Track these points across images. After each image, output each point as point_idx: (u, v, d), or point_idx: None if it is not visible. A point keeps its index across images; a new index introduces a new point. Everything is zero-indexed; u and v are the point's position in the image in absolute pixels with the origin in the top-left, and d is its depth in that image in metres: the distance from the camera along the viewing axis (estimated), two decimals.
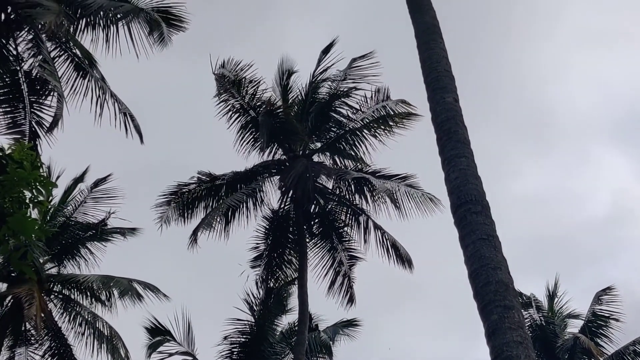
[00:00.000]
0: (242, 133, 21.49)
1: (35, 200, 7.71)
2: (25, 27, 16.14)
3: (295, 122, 20.98)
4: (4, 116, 17.01)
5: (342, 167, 21.61)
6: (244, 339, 21.81)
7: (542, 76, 54.86)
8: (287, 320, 22.66)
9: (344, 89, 21.38)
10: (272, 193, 21.54)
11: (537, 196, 53.69)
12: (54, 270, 20.80)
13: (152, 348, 20.87)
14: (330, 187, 21.56)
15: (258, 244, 21.85)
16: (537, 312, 25.04)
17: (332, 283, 21.84)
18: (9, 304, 19.51)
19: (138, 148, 17.23)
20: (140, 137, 17.25)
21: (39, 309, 17.67)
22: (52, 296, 20.63)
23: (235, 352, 21.79)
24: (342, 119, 21.60)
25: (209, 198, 21.12)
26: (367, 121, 21.43)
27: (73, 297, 20.61)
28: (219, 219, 20.53)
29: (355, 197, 21.46)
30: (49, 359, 20.24)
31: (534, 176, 54.33)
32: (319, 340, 22.62)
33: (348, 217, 21.75)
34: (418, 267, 21.54)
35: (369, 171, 21.31)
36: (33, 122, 17.07)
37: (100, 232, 20.82)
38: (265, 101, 20.88)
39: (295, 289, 21.28)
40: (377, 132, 21.44)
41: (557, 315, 25.20)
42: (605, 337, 24.17)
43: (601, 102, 55.77)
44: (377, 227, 21.39)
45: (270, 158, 21.65)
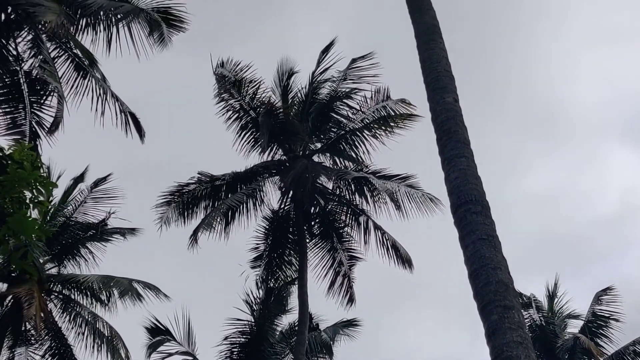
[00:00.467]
0: (242, 133, 21.50)
1: (36, 201, 7.71)
2: (26, 27, 16.13)
3: (295, 123, 20.99)
4: (4, 117, 17.01)
5: (342, 168, 21.62)
6: (244, 339, 21.81)
7: (551, 74, 54.91)
8: (287, 320, 22.70)
9: (344, 90, 21.39)
10: (272, 193, 21.59)
11: (546, 194, 53.81)
12: (54, 270, 20.81)
13: (152, 348, 20.89)
14: (330, 188, 21.57)
15: (258, 244, 21.87)
16: (537, 313, 25.05)
17: (332, 283, 21.85)
18: (9, 304, 19.50)
19: (138, 148, 17.28)
20: (140, 136, 17.25)
21: (38, 309, 17.68)
22: (52, 296, 20.64)
23: (235, 352, 21.79)
24: (342, 119, 21.61)
25: (209, 198, 21.12)
26: (367, 121, 21.44)
27: (73, 297, 20.62)
28: (219, 219, 20.54)
29: (355, 198, 21.46)
30: (49, 359, 20.25)
31: (543, 174, 54.40)
32: (320, 340, 22.63)
33: (348, 217, 21.75)
34: (418, 267, 21.57)
35: (369, 171, 21.31)
36: (33, 123, 17.06)
37: (101, 232, 20.83)
38: (266, 101, 20.89)
39: (295, 289, 21.29)
40: (377, 132, 21.45)
41: (557, 315, 25.22)
42: (605, 337, 24.19)
43: (610, 100, 55.75)
44: (377, 227, 21.39)
45: (270, 158, 21.66)
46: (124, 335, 20.83)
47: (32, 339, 20.38)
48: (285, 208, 21.71)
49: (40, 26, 15.52)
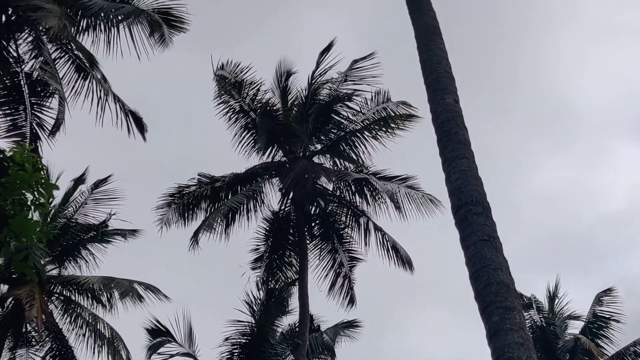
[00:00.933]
0: (243, 134, 21.50)
1: (37, 203, 7.71)
2: (26, 29, 16.14)
3: (295, 124, 20.99)
4: (4, 118, 17.02)
5: (343, 169, 21.61)
6: (244, 340, 21.78)
7: (560, 71, 54.89)
8: (288, 321, 22.68)
9: (344, 91, 21.37)
10: (272, 194, 21.58)
11: (554, 192, 53.84)
12: (54, 272, 20.81)
13: (152, 349, 20.86)
14: (330, 189, 21.56)
15: (258, 245, 21.87)
16: (538, 314, 25.06)
17: (333, 284, 21.85)
18: (10, 306, 19.49)
19: (138, 149, 17.30)
20: (142, 134, 17.26)
21: (39, 311, 17.65)
22: (53, 298, 20.62)
23: (235, 353, 21.76)
24: (342, 120, 21.60)
25: (209, 200, 21.11)
26: (368, 123, 21.43)
27: (74, 298, 20.61)
28: (219, 221, 20.54)
29: (355, 199, 21.46)
30: None
31: (551, 172, 54.43)
32: (321, 341, 22.62)
33: (348, 218, 21.75)
34: (422, 268, 21.60)
35: (370, 172, 21.30)
36: (34, 124, 17.07)
37: (101, 233, 20.83)
38: (264, 102, 20.89)
39: (295, 290, 21.28)
40: (377, 133, 21.44)
41: (557, 316, 25.22)
42: (605, 338, 24.20)
43: (619, 97, 55.74)
44: (378, 228, 21.39)
45: (271, 159, 21.65)
46: (125, 337, 20.84)
47: (33, 340, 20.37)
48: (286, 209, 21.71)
49: (41, 28, 15.51)
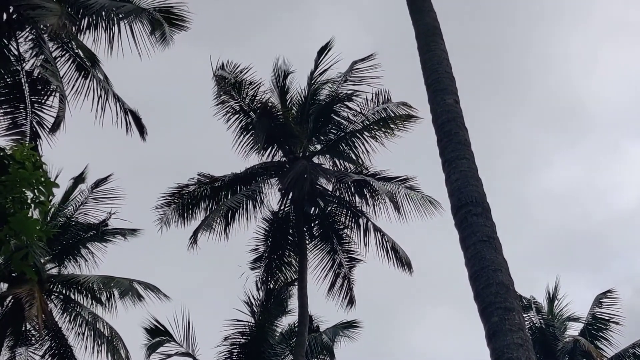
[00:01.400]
0: (242, 135, 21.48)
1: (37, 201, 7.71)
2: (27, 27, 16.15)
3: (295, 124, 20.98)
4: (4, 117, 17.03)
5: (342, 169, 21.61)
6: (244, 340, 21.82)
7: (571, 69, 54.84)
8: (288, 321, 22.69)
9: (344, 91, 21.36)
10: (272, 195, 21.55)
11: (564, 190, 53.83)
12: (54, 271, 20.80)
13: (151, 349, 20.87)
14: (330, 189, 21.55)
15: (258, 245, 21.87)
16: (537, 315, 25.05)
17: (332, 285, 21.84)
18: (10, 305, 19.50)
19: (138, 148, 17.28)
20: (141, 134, 17.26)
21: (39, 310, 17.65)
22: (52, 296, 20.62)
23: (235, 353, 21.79)
24: (342, 121, 21.59)
25: (209, 199, 21.11)
26: (368, 123, 21.42)
27: (73, 297, 20.60)
28: (218, 220, 20.53)
29: (355, 199, 21.45)
30: (50, 359, 20.23)
31: (562, 169, 54.45)
32: (320, 342, 22.62)
33: (348, 219, 21.74)
34: (420, 268, 21.59)
35: (369, 173, 21.30)
36: (34, 123, 17.08)
37: (101, 232, 20.83)
38: (263, 103, 20.90)
39: (295, 290, 21.28)
40: (377, 134, 21.43)
41: (557, 317, 25.21)
42: (605, 340, 24.19)
43: (630, 95, 55.68)
44: (377, 229, 21.38)
45: (270, 160, 21.65)
46: (124, 336, 20.83)
47: (33, 339, 20.38)
48: (285, 209, 21.70)
49: (42, 26, 15.52)
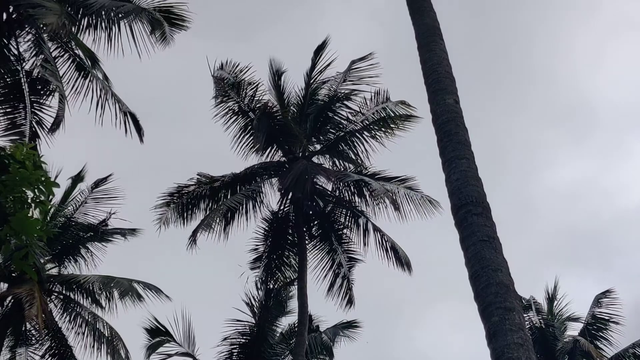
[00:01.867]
0: (242, 135, 21.47)
1: (37, 200, 7.71)
2: (27, 27, 16.14)
3: (293, 124, 20.97)
4: (4, 117, 17.03)
5: (342, 169, 21.61)
6: (244, 340, 21.84)
7: (578, 66, 54.71)
8: (288, 321, 22.71)
9: (343, 91, 21.36)
10: (271, 195, 21.55)
11: (570, 188, 53.77)
12: (54, 271, 20.79)
13: (151, 349, 20.88)
14: (329, 189, 21.56)
15: (257, 245, 21.86)
16: (537, 315, 25.06)
17: (332, 285, 21.84)
18: (10, 304, 19.50)
19: (138, 148, 17.25)
20: (140, 136, 17.26)
21: (39, 310, 17.64)
22: (52, 296, 20.62)
23: (235, 353, 21.81)
24: (341, 120, 21.59)
25: (208, 199, 21.11)
26: (367, 123, 21.42)
27: (73, 297, 20.60)
28: (218, 220, 20.52)
29: (354, 199, 21.45)
30: (50, 359, 20.23)
31: (568, 167, 54.39)
32: (320, 342, 22.62)
33: (347, 219, 21.74)
34: (421, 269, 21.58)
35: (369, 173, 21.30)
36: (33, 122, 17.08)
37: (101, 232, 20.82)
38: (263, 103, 20.89)
39: (295, 290, 21.28)
40: (376, 134, 21.44)
41: (556, 318, 25.21)
42: (605, 340, 24.20)
43: (638, 92, 55.57)
44: (377, 229, 21.38)
45: (270, 159, 21.65)
46: (124, 336, 20.83)
47: (33, 339, 20.38)
48: (285, 209, 21.69)
49: (42, 25, 15.51)
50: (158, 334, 21.04)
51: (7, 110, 17.04)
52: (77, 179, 21.46)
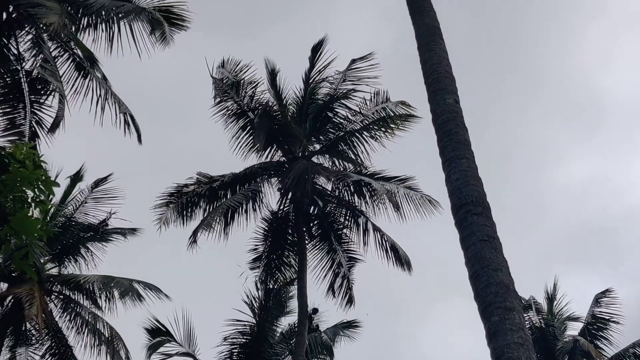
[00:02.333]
0: (241, 135, 21.47)
1: (37, 200, 7.70)
2: (27, 26, 16.15)
3: (293, 124, 20.96)
4: (3, 117, 17.03)
5: (342, 169, 21.61)
6: (244, 340, 21.84)
7: (589, 60, 54.62)
8: (288, 321, 22.71)
9: (343, 91, 21.36)
10: (271, 194, 21.55)
11: (580, 184, 53.72)
12: (54, 271, 20.79)
13: (152, 349, 20.88)
14: (329, 189, 21.55)
15: (257, 245, 21.86)
16: (537, 315, 25.07)
17: (332, 284, 21.83)
18: (10, 304, 19.49)
19: (138, 147, 17.24)
20: (138, 138, 17.26)
21: (39, 309, 17.63)
22: (52, 296, 20.61)
23: (235, 353, 21.80)
24: (341, 120, 21.59)
25: (208, 199, 21.10)
26: (367, 123, 21.43)
27: (73, 297, 20.59)
28: (218, 220, 20.53)
29: (354, 199, 21.45)
30: (50, 359, 20.23)
31: (578, 164, 54.32)
32: (320, 341, 22.62)
33: (347, 218, 21.74)
34: (419, 268, 21.57)
35: (368, 173, 21.30)
36: (33, 122, 17.07)
37: (101, 232, 20.82)
38: (263, 103, 20.89)
39: (295, 290, 21.28)
40: (376, 134, 21.44)
41: (556, 317, 25.22)
42: (605, 340, 24.21)
43: None
44: (376, 229, 21.37)
45: (269, 159, 21.65)
46: (124, 336, 20.82)
47: (33, 339, 20.37)
48: (285, 209, 21.69)
49: (42, 25, 15.52)
50: (158, 334, 21.04)
51: (7, 110, 17.04)
52: (76, 178, 21.45)
